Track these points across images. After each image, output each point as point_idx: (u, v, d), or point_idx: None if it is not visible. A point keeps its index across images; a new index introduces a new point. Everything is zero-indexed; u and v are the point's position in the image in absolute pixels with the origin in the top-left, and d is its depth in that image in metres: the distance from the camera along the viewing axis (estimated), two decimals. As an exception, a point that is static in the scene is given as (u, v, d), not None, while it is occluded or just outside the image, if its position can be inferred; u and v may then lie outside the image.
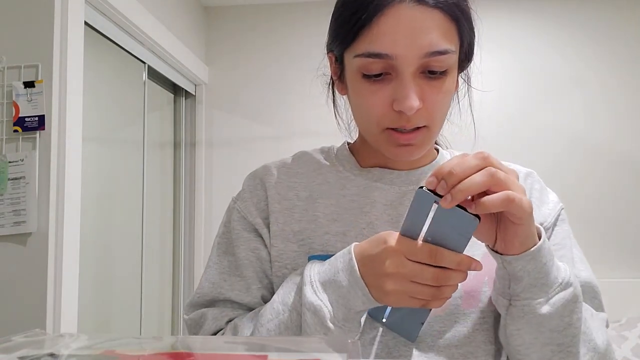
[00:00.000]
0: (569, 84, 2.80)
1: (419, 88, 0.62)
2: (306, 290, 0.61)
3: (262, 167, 0.78)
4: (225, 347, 0.42)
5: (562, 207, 0.75)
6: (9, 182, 1.51)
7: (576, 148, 2.77)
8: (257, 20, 2.98)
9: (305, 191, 0.74)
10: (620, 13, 2.79)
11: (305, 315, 0.60)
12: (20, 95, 1.53)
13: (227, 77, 2.98)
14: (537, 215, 0.71)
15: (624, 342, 2.30)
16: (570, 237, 0.74)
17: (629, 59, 2.78)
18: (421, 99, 0.62)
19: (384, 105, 0.64)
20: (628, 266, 2.67)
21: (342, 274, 0.60)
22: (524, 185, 0.72)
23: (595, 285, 0.71)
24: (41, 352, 0.38)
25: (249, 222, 0.74)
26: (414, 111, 0.62)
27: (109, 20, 1.96)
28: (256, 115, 2.93)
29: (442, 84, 0.64)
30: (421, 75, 0.63)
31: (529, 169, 0.78)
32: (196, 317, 0.72)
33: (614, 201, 2.72)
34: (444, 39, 0.61)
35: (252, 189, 0.76)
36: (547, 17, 2.83)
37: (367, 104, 0.65)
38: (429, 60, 0.61)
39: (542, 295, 0.58)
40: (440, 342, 0.67)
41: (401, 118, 0.63)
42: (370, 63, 0.62)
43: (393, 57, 0.61)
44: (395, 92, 0.62)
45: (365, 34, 0.62)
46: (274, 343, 0.43)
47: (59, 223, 1.53)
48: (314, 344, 0.40)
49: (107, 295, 2.10)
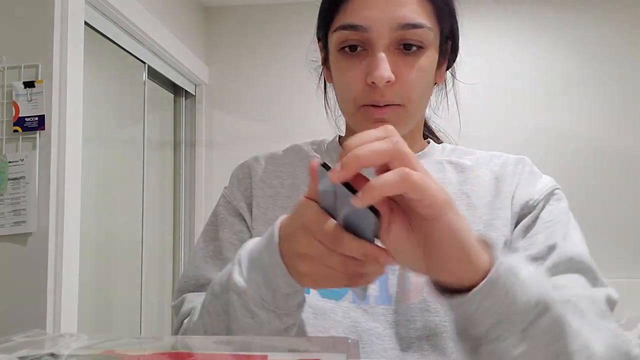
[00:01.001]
0: (563, 84, 2.80)
1: (393, 63, 0.63)
2: (233, 270, 0.55)
3: (252, 157, 0.80)
4: (225, 347, 0.42)
5: (556, 186, 0.71)
6: (9, 182, 1.51)
7: (576, 148, 2.77)
8: (257, 20, 2.98)
9: (290, 179, 0.76)
10: (614, 14, 2.80)
11: (232, 298, 0.54)
12: (20, 95, 1.53)
13: (227, 77, 2.98)
14: (525, 192, 0.69)
15: (624, 342, 2.30)
16: (567, 214, 0.68)
17: (623, 58, 2.78)
18: (395, 74, 0.63)
19: (359, 80, 0.64)
20: (628, 266, 2.67)
21: (264, 252, 0.53)
22: (514, 170, 0.72)
23: (587, 259, 0.64)
24: (41, 352, 0.38)
25: (234, 206, 0.76)
26: (384, 81, 0.61)
27: (109, 20, 1.96)
28: (256, 115, 2.93)
29: (417, 61, 0.64)
30: (396, 51, 0.64)
31: (520, 155, 0.75)
32: (179, 302, 0.72)
33: (614, 201, 2.72)
34: (418, 14, 0.63)
35: (240, 176, 0.78)
36: (542, 19, 2.84)
37: (344, 80, 0.66)
38: (403, 33, 0.62)
39: (514, 331, 0.46)
40: (411, 333, 0.64)
41: (375, 92, 0.63)
42: (346, 36, 0.64)
43: (367, 29, 0.62)
44: (368, 66, 0.63)
45: (342, 8, 0.65)
46: (274, 343, 0.43)
47: (59, 223, 1.53)
48: (314, 344, 0.40)
49: (107, 295, 2.10)
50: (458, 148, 0.79)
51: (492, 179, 0.71)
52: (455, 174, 0.73)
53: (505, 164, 0.73)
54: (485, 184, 0.71)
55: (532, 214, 0.68)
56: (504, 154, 0.76)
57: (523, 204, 0.69)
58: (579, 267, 0.64)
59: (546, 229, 0.66)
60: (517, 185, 0.70)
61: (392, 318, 0.65)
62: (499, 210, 0.69)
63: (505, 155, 0.75)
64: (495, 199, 0.69)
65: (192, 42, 2.79)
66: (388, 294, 0.66)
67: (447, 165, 0.74)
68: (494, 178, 0.71)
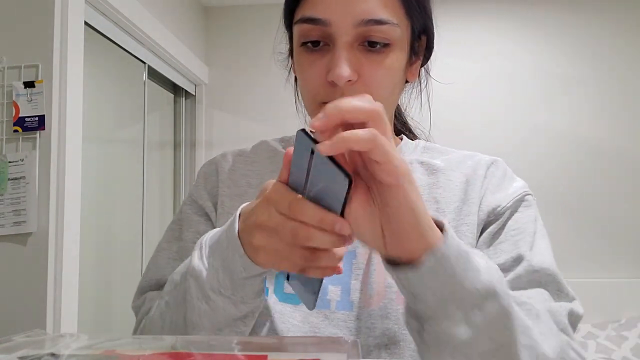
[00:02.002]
0: (562, 84, 2.80)
1: (355, 60, 0.59)
2: (194, 255, 0.54)
3: (220, 155, 0.78)
4: (225, 347, 0.42)
5: (526, 192, 0.68)
6: (9, 182, 1.51)
7: (575, 148, 2.77)
8: (257, 20, 2.98)
9: (257, 179, 0.73)
10: (614, 14, 2.80)
11: (189, 282, 0.54)
12: (20, 95, 1.53)
13: (227, 77, 2.98)
14: (493, 198, 0.67)
15: (624, 342, 2.30)
16: (534, 222, 0.66)
17: (623, 59, 2.78)
18: (357, 72, 0.59)
19: (320, 76, 0.61)
20: (628, 266, 2.67)
21: (224, 234, 0.52)
22: (484, 174, 0.69)
23: (552, 272, 0.61)
24: (41, 352, 0.38)
25: (200, 205, 0.74)
26: (344, 81, 0.58)
27: (109, 20, 1.96)
28: (256, 115, 2.93)
29: (383, 59, 0.60)
30: (360, 48, 0.60)
31: (494, 157, 0.72)
32: (139, 302, 0.71)
33: (613, 201, 2.72)
34: (383, 10, 0.59)
35: (207, 175, 0.76)
36: (540, 19, 2.83)
37: (304, 75, 0.63)
38: (366, 29, 0.59)
39: (458, 313, 0.45)
40: (370, 341, 0.62)
41: (335, 91, 0.60)
42: (307, 30, 0.61)
43: (328, 23, 0.59)
44: (329, 63, 0.59)
45: (304, 1, 0.61)
46: (274, 343, 0.43)
47: (59, 223, 1.53)
48: (314, 344, 0.40)
49: (107, 295, 2.10)
50: (432, 146, 0.76)
51: (462, 182, 0.69)
52: (425, 176, 0.71)
53: (477, 166, 0.70)
54: (455, 188, 0.69)
55: (498, 222, 0.65)
56: (478, 154, 0.74)
57: (490, 211, 0.66)
58: (543, 280, 0.61)
59: (512, 237, 0.64)
60: (486, 191, 0.68)
61: (354, 325, 0.63)
62: (466, 217, 0.66)
63: (479, 156, 0.73)
64: (464, 204, 0.67)
65: (192, 42, 2.79)
66: (350, 300, 0.64)
67: (417, 165, 0.72)
68: (464, 182, 0.69)
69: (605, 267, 2.67)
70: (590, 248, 2.68)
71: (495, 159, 0.72)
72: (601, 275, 2.66)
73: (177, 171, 2.85)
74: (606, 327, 2.41)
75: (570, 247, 2.64)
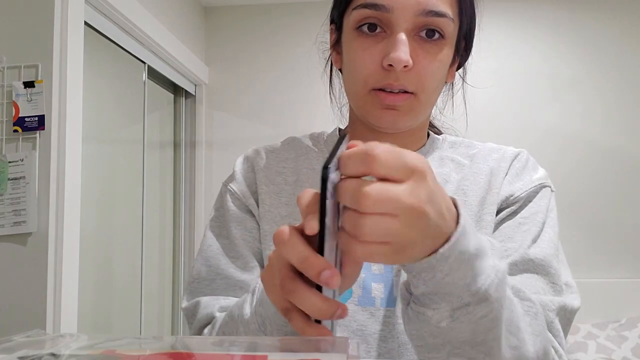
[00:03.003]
0: (575, 84, 2.80)
1: (411, 49, 0.61)
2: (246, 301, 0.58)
3: (253, 151, 0.79)
4: (225, 347, 0.42)
5: (543, 184, 0.69)
6: (9, 182, 1.51)
7: (575, 148, 2.76)
8: (257, 20, 2.98)
9: (293, 175, 0.74)
10: (624, 14, 2.79)
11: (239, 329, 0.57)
12: (20, 95, 1.53)
13: (227, 77, 2.98)
14: (509, 186, 0.68)
15: (624, 342, 2.30)
16: (545, 213, 0.66)
17: (633, 59, 2.78)
18: (413, 60, 0.61)
19: (374, 62, 0.62)
20: (628, 266, 2.67)
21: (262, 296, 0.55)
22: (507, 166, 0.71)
23: (547, 262, 0.62)
24: (41, 352, 0.38)
25: (243, 203, 0.74)
26: (402, 65, 0.59)
27: (109, 20, 1.96)
28: (256, 115, 2.93)
29: (438, 52, 0.63)
30: (416, 38, 0.62)
31: (519, 149, 0.74)
32: (191, 306, 0.70)
33: (614, 201, 2.72)
34: (443, 3, 0.61)
35: (244, 171, 0.77)
36: (543, 19, 2.83)
37: (358, 60, 0.64)
38: (426, 19, 0.61)
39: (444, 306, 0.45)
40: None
41: (389, 76, 0.61)
42: (366, 15, 0.62)
43: (389, 9, 0.60)
44: (386, 48, 0.61)
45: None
46: (273, 343, 0.43)
47: (59, 223, 1.53)
48: (314, 344, 0.40)
49: (107, 295, 2.10)
50: (458, 141, 0.77)
51: (487, 174, 0.71)
52: (454, 172, 0.72)
53: (502, 158, 0.72)
54: (480, 180, 0.70)
55: (509, 209, 0.67)
56: (502, 147, 0.75)
57: (504, 199, 0.68)
58: (540, 270, 0.62)
59: (520, 225, 0.65)
60: (504, 180, 0.69)
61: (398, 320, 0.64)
62: (490, 206, 0.68)
63: (504, 148, 0.74)
64: (487, 194, 0.69)
65: (191, 42, 2.79)
66: (394, 296, 0.65)
67: (448, 162, 0.73)
68: (489, 173, 0.71)
69: (605, 267, 2.67)
70: (589, 248, 2.68)
71: (521, 151, 0.74)
72: (601, 275, 2.66)
73: (177, 171, 2.85)
74: (606, 327, 2.41)
75: (570, 247, 2.64)
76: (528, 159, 0.73)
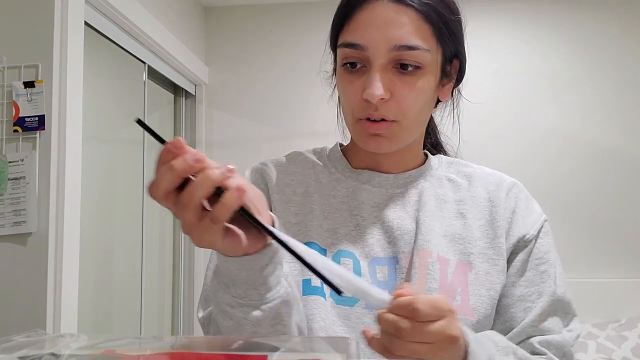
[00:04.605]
0: (564, 84, 2.79)
1: (388, 80, 0.66)
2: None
3: (261, 164, 0.82)
4: (225, 347, 0.42)
5: (545, 219, 0.76)
6: (9, 182, 1.51)
7: (575, 148, 2.76)
8: (257, 20, 2.98)
9: (301, 187, 0.78)
10: (629, 15, 2.79)
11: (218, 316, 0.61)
12: (20, 95, 1.53)
13: (227, 77, 2.98)
14: (521, 225, 0.73)
15: (624, 342, 2.30)
16: (553, 250, 0.75)
17: (633, 59, 2.78)
18: (390, 91, 0.66)
19: (356, 95, 0.68)
20: (628, 266, 2.67)
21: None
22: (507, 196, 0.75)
23: (568, 302, 0.72)
24: (42, 352, 0.38)
25: None
26: (376, 99, 0.65)
27: (109, 20, 1.96)
28: (256, 115, 2.93)
29: (415, 81, 0.67)
30: (393, 70, 0.67)
31: (513, 179, 0.79)
32: (206, 316, 0.72)
33: (614, 201, 2.72)
34: (415, 36, 0.66)
35: (255, 181, 0.79)
36: (541, 20, 2.83)
37: (345, 94, 0.71)
38: (399, 53, 0.66)
39: None
40: None
41: (370, 106, 0.67)
42: (348, 53, 0.68)
43: (365, 48, 0.66)
44: (365, 83, 0.67)
45: (346, 26, 0.69)
46: (273, 342, 0.43)
47: (59, 223, 1.53)
48: (314, 344, 0.40)
49: (107, 295, 2.10)
50: (454, 161, 0.82)
51: (486, 200, 0.75)
52: (452, 192, 0.77)
53: (500, 187, 0.76)
54: (480, 204, 0.75)
55: (526, 250, 0.73)
56: (497, 172, 0.80)
57: (518, 239, 0.73)
58: (559, 308, 0.71)
59: (536, 266, 0.72)
60: (513, 217, 0.74)
61: None
62: (493, 240, 0.73)
63: (499, 174, 0.79)
64: (490, 227, 0.74)
65: (191, 42, 2.79)
66: None
67: (446, 182, 0.78)
68: (488, 199, 0.75)
69: (605, 267, 2.67)
70: (589, 248, 2.68)
71: (515, 182, 0.79)
72: (601, 275, 2.66)
73: (177, 171, 2.85)
74: (606, 327, 2.41)
75: (570, 247, 2.63)
76: (525, 191, 0.78)
